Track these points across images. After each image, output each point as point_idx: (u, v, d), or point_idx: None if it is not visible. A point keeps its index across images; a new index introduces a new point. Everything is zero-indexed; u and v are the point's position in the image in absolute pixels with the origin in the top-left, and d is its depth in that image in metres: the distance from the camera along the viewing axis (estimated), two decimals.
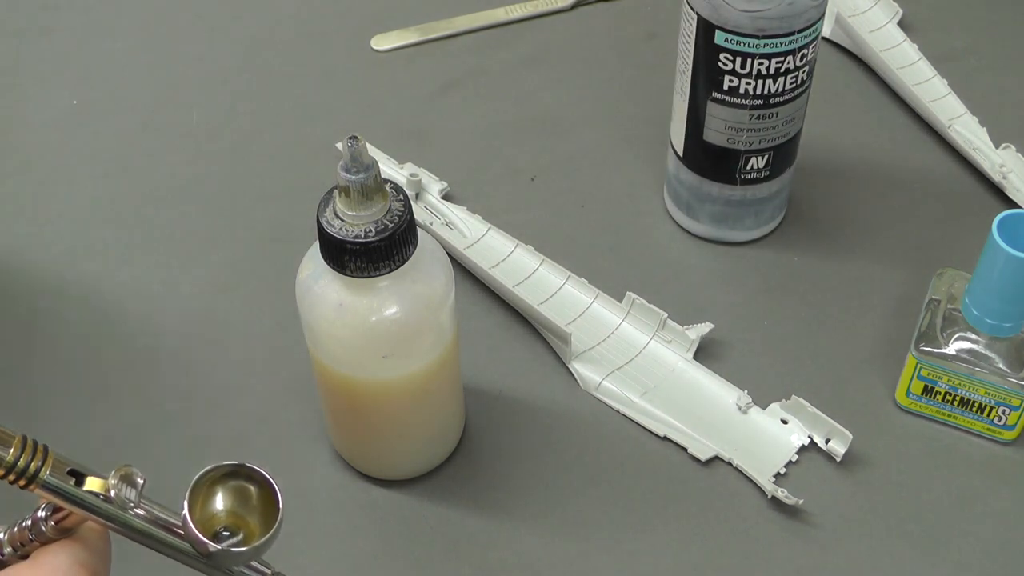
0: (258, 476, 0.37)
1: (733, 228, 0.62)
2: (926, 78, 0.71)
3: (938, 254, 0.61)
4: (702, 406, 0.55)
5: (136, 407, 0.56)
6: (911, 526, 0.51)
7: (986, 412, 0.53)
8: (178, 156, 0.69)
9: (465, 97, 0.72)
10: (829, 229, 0.63)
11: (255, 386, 0.56)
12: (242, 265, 0.62)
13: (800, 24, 0.53)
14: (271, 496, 0.37)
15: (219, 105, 0.72)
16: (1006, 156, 0.65)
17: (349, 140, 0.42)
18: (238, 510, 0.37)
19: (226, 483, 0.37)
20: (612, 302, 0.59)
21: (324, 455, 0.54)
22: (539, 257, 0.61)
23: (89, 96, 0.73)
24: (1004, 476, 0.53)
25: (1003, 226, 0.48)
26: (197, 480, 0.36)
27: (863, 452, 0.53)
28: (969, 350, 0.52)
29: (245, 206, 0.65)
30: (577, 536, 0.51)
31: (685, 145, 0.60)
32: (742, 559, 0.50)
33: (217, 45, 0.76)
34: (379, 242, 0.43)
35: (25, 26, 0.78)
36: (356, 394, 0.48)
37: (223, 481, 0.37)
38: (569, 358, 0.56)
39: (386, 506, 0.52)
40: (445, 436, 0.53)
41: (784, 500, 0.51)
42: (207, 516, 0.36)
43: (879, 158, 0.67)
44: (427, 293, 0.46)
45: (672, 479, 0.53)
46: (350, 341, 0.46)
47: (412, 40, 0.76)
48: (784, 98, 0.56)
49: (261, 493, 0.37)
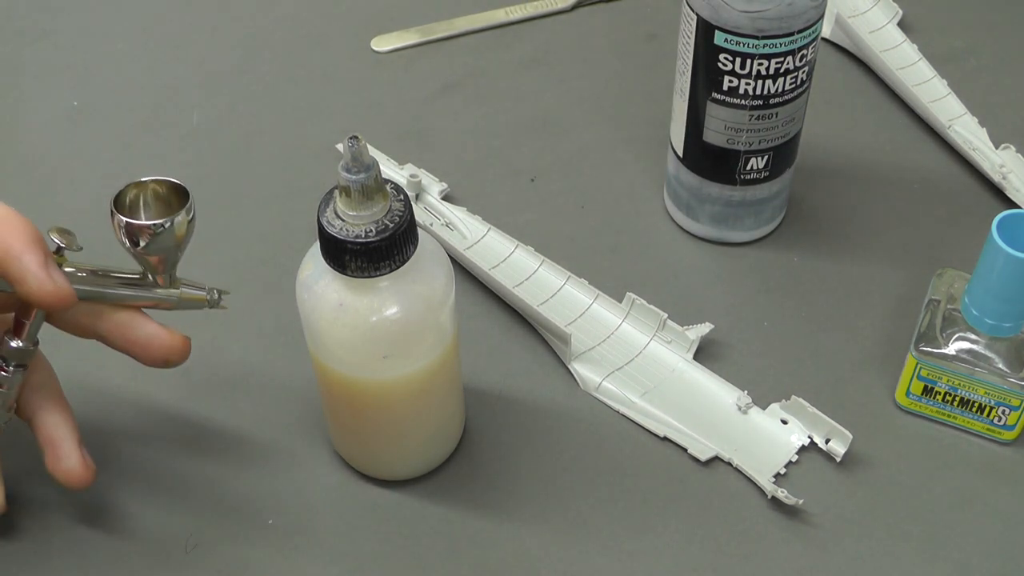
0: (167, 184, 0.46)
1: (733, 228, 0.62)
2: (926, 79, 0.71)
3: (938, 254, 0.61)
4: (702, 406, 0.55)
5: (135, 407, 0.56)
6: (911, 526, 0.51)
7: (986, 412, 0.53)
8: (178, 156, 0.69)
9: (465, 98, 0.72)
10: (829, 229, 0.63)
11: (255, 386, 0.56)
12: (242, 265, 0.62)
13: (799, 25, 0.53)
14: (183, 193, 0.46)
15: (219, 105, 0.72)
16: (1006, 156, 0.65)
17: (350, 140, 0.42)
18: (160, 210, 0.46)
19: (144, 194, 0.46)
20: (612, 303, 0.59)
21: (324, 455, 0.54)
22: (539, 258, 0.61)
23: (89, 97, 0.73)
24: (1004, 476, 0.53)
25: (1003, 226, 0.48)
26: (118, 195, 0.45)
27: (863, 452, 0.53)
28: (969, 350, 0.52)
29: (245, 206, 0.65)
30: (577, 536, 0.51)
31: (685, 146, 0.60)
32: (742, 559, 0.50)
33: (217, 46, 0.76)
34: (379, 242, 0.43)
35: (25, 27, 0.78)
36: (356, 394, 0.49)
37: (140, 194, 0.46)
38: (569, 358, 0.57)
39: (386, 506, 0.52)
40: (445, 436, 0.53)
41: (784, 500, 0.51)
42: (134, 217, 0.45)
43: (879, 158, 0.67)
44: (427, 293, 0.46)
45: (672, 479, 0.53)
46: (350, 341, 0.46)
47: (412, 41, 0.76)
48: (784, 98, 0.56)
49: (175, 196, 0.46)
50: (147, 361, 0.48)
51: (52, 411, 0.48)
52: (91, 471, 0.48)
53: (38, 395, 0.48)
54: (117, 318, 0.47)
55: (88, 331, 0.48)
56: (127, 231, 0.45)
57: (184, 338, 0.48)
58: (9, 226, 0.43)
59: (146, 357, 0.48)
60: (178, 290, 0.48)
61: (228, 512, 0.52)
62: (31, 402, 0.48)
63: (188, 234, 0.46)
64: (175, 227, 0.45)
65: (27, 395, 0.48)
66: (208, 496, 0.52)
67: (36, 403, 0.48)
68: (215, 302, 0.49)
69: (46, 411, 0.48)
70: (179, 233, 0.45)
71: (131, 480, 0.53)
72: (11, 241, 0.43)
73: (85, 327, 0.48)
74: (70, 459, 0.47)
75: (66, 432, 0.48)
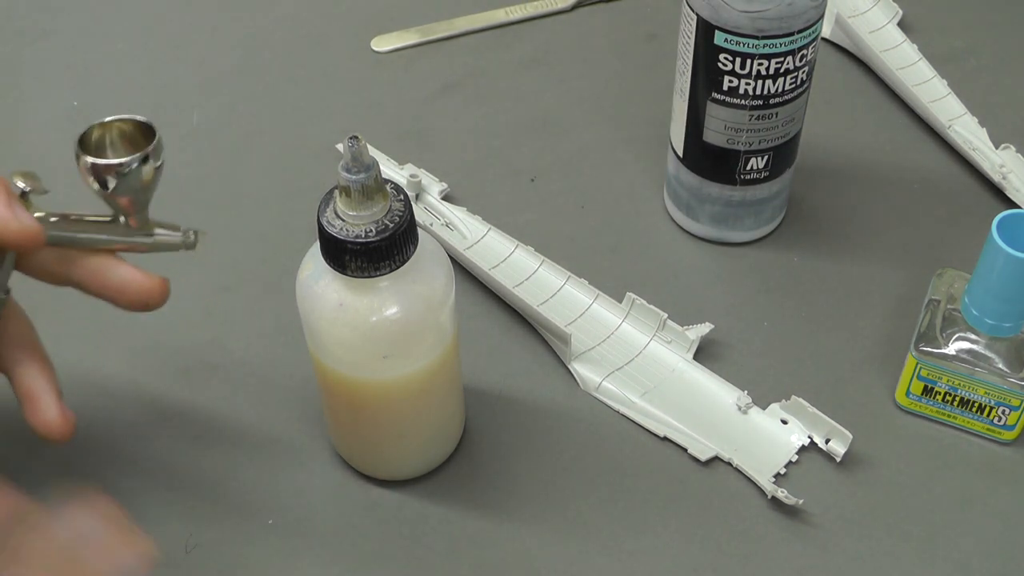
0: (133, 123, 0.45)
1: (733, 228, 0.62)
2: (926, 79, 0.71)
3: (938, 254, 0.61)
4: (702, 406, 0.55)
5: (135, 406, 0.56)
6: (911, 526, 0.51)
7: (986, 412, 0.53)
8: (178, 156, 0.69)
9: (465, 98, 0.72)
10: (829, 229, 0.63)
11: (255, 386, 0.56)
12: (242, 265, 0.62)
13: (799, 25, 0.53)
14: (150, 131, 0.45)
15: (219, 105, 0.72)
16: (1006, 156, 0.65)
17: (350, 140, 0.42)
18: (127, 150, 0.45)
19: (110, 134, 0.45)
20: (612, 303, 0.59)
21: (324, 455, 0.54)
22: (539, 258, 0.61)
23: (90, 97, 0.73)
24: (1004, 476, 0.53)
25: (1003, 226, 0.48)
26: (83, 135, 0.44)
27: (863, 452, 0.53)
28: (969, 350, 0.52)
29: (245, 206, 0.65)
30: (577, 536, 0.51)
31: (685, 146, 0.60)
32: (742, 559, 0.50)
33: (217, 46, 0.76)
34: (380, 242, 0.43)
35: (26, 27, 0.78)
36: (356, 394, 0.49)
37: (106, 134, 0.45)
38: (569, 358, 0.57)
39: (386, 506, 0.52)
40: (445, 436, 0.53)
41: (784, 500, 0.51)
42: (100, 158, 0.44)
43: (879, 158, 0.67)
44: (427, 293, 0.46)
45: (672, 479, 0.53)
46: (350, 341, 0.46)
47: (412, 41, 0.76)
48: (784, 98, 0.56)
49: (142, 134, 0.45)
50: (124, 305, 0.46)
51: (29, 363, 0.47)
52: (70, 423, 0.46)
53: (15, 345, 0.47)
54: (91, 263, 0.46)
55: (61, 278, 0.46)
56: (93, 172, 0.44)
57: (162, 279, 0.46)
58: None
59: (123, 300, 0.46)
60: (151, 231, 0.47)
61: (228, 512, 0.52)
62: (8, 355, 0.47)
63: (157, 173, 0.45)
64: (142, 165, 0.44)
65: (4, 348, 0.47)
66: (208, 496, 0.52)
67: (13, 354, 0.47)
68: (191, 243, 0.47)
69: (23, 363, 0.47)
70: (147, 171, 0.44)
71: (131, 480, 0.53)
72: None
73: (58, 274, 0.46)
74: (49, 411, 0.46)
75: (44, 384, 0.46)
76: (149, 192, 0.46)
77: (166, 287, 0.47)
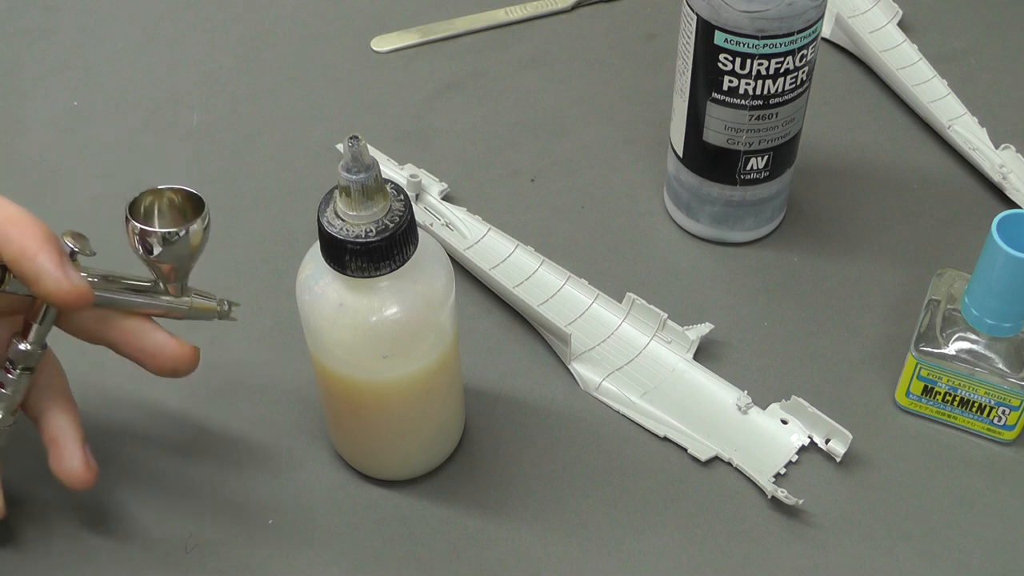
0: (183, 193, 0.46)
1: (733, 228, 0.62)
2: (926, 79, 0.71)
3: (938, 254, 0.61)
4: (702, 406, 0.55)
5: (136, 407, 0.56)
6: (911, 526, 0.51)
7: (986, 412, 0.53)
8: (178, 156, 0.69)
9: (465, 98, 0.72)
10: (829, 229, 0.63)
11: (255, 386, 0.56)
12: (242, 265, 0.62)
13: (800, 25, 0.53)
14: (199, 203, 0.46)
15: (219, 105, 0.72)
16: (1006, 156, 0.65)
17: (350, 140, 0.42)
18: (175, 218, 0.46)
19: (160, 202, 0.46)
20: (612, 303, 0.59)
21: (324, 455, 0.54)
22: (539, 258, 0.61)
23: (90, 97, 0.73)
24: (1004, 476, 0.53)
25: (1003, 226, 0.48)
26: (133, 201, 0.46)
27: (863, 452, 0.53)
28: (969, 350, 0.52)
29: (245, 206, 0.65)
30: (577, 536, 0.51)
31: (685, 145, 0.60)
32: (742, 559, 0.50)
33: (217, 46, 0.76)
34: (380, 242, 0.43)
35: (26, 27, 0.78)
36: (356, 394, 0.49)
37: (155, 202, 0.46)
38: (569, 358, 0.57)
39: (386, 506, 0.52)
40: (445, 436, 0.53)
41: (784, 500, 0.51)
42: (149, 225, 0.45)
43: (879, 158, 0.67)
44: (427, 293, 0.46)
45: (672, 479, 0.53)
46: (350, 341, 0.46)
47: (412, 41, 0.76)
48: (784, 98, 0.56)
49: (190, 205, 0.46)
50: (155, 370, 0.48)
51: (58, 411, 0.48)
52: (93, 472, 0.48)
53: (45, 394, 0.48)
54: (127, 325, 0.47)
55: (97, 337, 0.48)
56: (141, 238, 0.45)
57: (193, 348, 0.48)
58: (23, 226, 0.43)
59: (154, 366, 0.48)
60: (189, 299, 0.48)
61: (228, 512, 0.52)
62: (38, 401, 0.48)
63: (202, 243, 0.46)
64: (190, 236, 0.45)
65: (34, 394, 0.48)
66: (208, 496, 0.52)
67: (43, 402, 0.48)
68: (225, 313, 0.50)
69: (52, 411, 0.48)
70: (193, 242, 0.46)
71: (132, 480, 0.53)
72: (26, 242, 0.43)
73: (94, 333, 0.48)
74: (73, 460, 0.47)
75: (70, 432, 0.48)
76: (192, 261, 0.47)
77: (196, 356, 0.48)
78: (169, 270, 0.46)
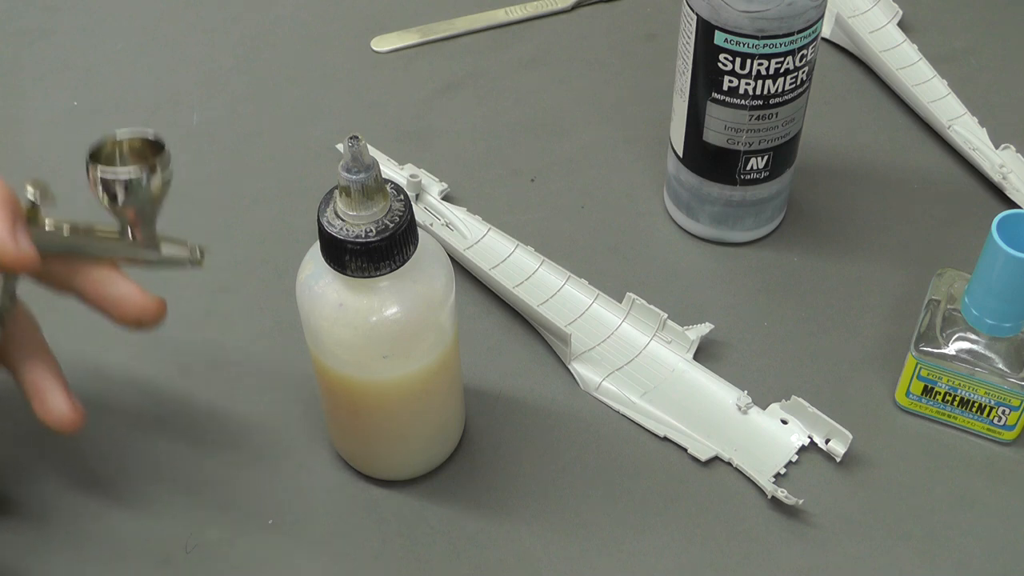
0: (143, 139, 0.46)
1: (733, 228, 0.62)
2: (926, 79, 0.71)
3: (938, 254, 0.61)
4: (702, 406, 0.55)
5: (135, 406, 0.56)
6: (911, 526, 0.51)
7: (986, 412, 0.53)
8: (178, 156, 0.68)
9: (465, 98, 0.72)
10: (829, 229, 0.63)
11: (255, 386, 0.56)
12: (242, 265, 0.62)
13: (800, 25, 0.53)
14: (159, 147, 0.46)
15: (219, 105, 0.72)
16: (1006, 156, 0.66)
17: (350, 140, 0.42)
18: (135, 161, 0.45)
19: (120, 147, 0.46)
20: (612, 303, 0.59)
21: (324, 455, 0.54)
22: (539, 258, 0.61)
23: (90, 97, 0.73)
24: (1004, 476, 0.53)
25: (1003, 226, 0.48)
26: (95, 149, 0.45)
27: (863, 452, 0.53)
28: (969, 350, 0.52)
29: (245, 206, 0.65)
30: (577, 536, 0.51)
31: (685, 145, 0.60)
32: (742, 559, 0.50)
33: (217, 46, 0.76)
34: (380, 242, 0.43)
35: (26, 27, 0.78)
36: (356, 394, 0.49)
37: (116, 147, 0.46)
38: (569, 358, 0.57)
39: (386, 506, 0.52)
40: (445, 436, 0.53)
41: (784, 500, 0.51)
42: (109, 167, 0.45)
43: (879, 158, 0.67)
44: (427, 293, 0.46)
45: (672, 479, 0.53)
46: (350, 341, 0.46)
47: (412, 41, 0.76)
48: (784, 98, 0.56)
49: (151, 150, 0.46)
50: (118, 318, 0.46)
51: (36, 360, 0.47)
52: (80, 414, 0.46)
53: (20, 346, 0.47)
54: (94, 274, 0.46)
55: (64, 285, 0.47)
56: (103, 184, 0.45)
57: (159, 300, 0.46)
58: None
59: (118, 315, 0.46)
60: (157, 246, 0.47)
61: (228, 512, 0.52)
62: (14, 352, 0.47)
63: (165, 187, 0.45)
64: (151, 179, 0.45)
65: (9, 348, 0.47)
66: (208, 496, 0.52)
67: (19, 353, 0.47)
68: (197, 260, 0.48)
69: (31, 359, 0.47)
70: (155, 185, 0.45)
71: (131, 480, 0.53)
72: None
73: (61, 281, 0.46)
74: (58, 404, 0.46)
75: (51, 379, 0.46)
76: (156, 206, 0.46)
77: (162, 308, 0.47)
78: (134, 216, 0.46)
